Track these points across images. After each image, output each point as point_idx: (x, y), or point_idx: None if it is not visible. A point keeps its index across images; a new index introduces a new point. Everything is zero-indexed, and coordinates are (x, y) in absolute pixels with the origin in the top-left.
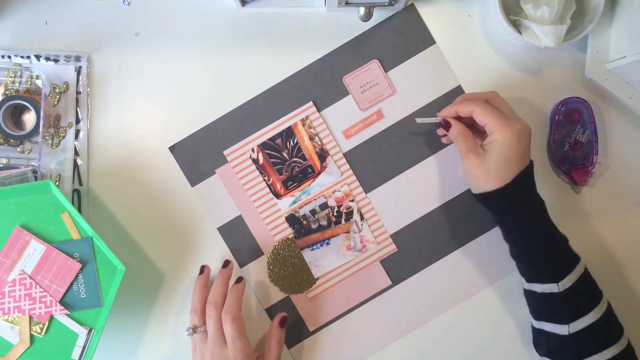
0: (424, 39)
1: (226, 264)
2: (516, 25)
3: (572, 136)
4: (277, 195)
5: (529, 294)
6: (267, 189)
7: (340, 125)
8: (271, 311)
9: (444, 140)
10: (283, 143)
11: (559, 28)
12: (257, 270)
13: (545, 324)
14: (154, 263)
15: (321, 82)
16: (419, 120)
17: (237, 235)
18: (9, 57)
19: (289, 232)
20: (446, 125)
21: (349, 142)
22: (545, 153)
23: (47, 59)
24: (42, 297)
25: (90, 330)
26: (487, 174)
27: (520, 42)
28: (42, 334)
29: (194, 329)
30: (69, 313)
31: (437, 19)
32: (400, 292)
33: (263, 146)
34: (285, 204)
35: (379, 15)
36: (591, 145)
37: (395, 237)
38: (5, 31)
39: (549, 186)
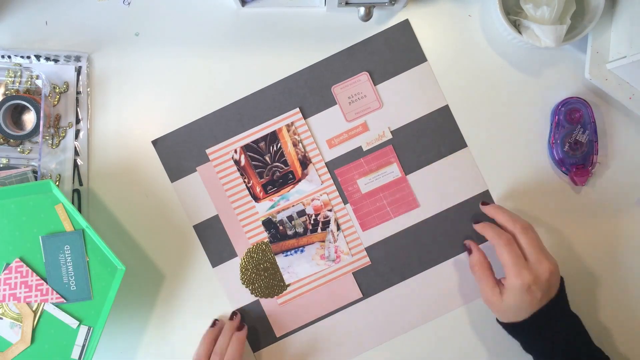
0: (415, 56)
1: (233, 316)
2: (516, 25)
3: (572, 136)
4: (256, 199)
5: None
6: (247, 191)
7: (324, 134)
8: (240, 313)
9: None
10: (266, 147)
11: (559, 28)
12: (229, 271)
13: None
14: (154, 263)
15: (310, 89)
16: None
17: (212, 234)
18: (9, 57)
19: (264, 236)
20: (468, 250)
21: (332, 151)
22: (545, 153)
23: (47, 59)
24: (38, 284)
25: (89, 329)
26: (500, 310)
27: (520, 42)
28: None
29: None
30: (65, 301)
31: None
32: (370, 305)
33: (246, 148)
34: (263, 208)
35: (378, 16)
36: (591, 145)
37: (370, 250)
38: (5, 31)
39: (548, 186)
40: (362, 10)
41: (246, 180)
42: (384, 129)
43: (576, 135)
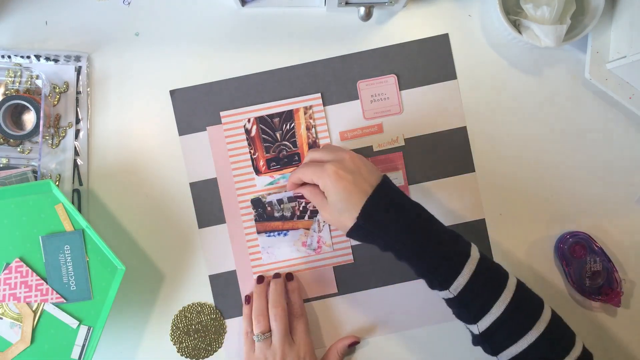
0: (446, 71)
1: (277, 275)
2: (516, 25)
3: (586, 268)
4: (257, 171)
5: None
6: (250, 162)
7: (339, 125)
8: (215, 279)
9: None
10: (280, 124)
11: (559, 28)
12: (213, 235)
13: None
14: (154, 263)
15: (336, 78)
16: None
17: (206, 196)
18: (9, 57)
19: (251, 211)
20: (298, 187)
21: (343, 144)
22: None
23: (47, 59)
24: (38, 284)
25: (89, 329)
26: (336, 219)
27: (520, 42)
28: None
29: (263, 334)
30: (65, 301)
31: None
32: (342, 302)
33: (259, 120)
34: (262, 182)
35: (378, 16)
36: (609, 269)
37: (356, 249)
38: (5, 31)
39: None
40: (362, 10)
41: (252, 151)
42: (399, 134)
43: (590, 267)
